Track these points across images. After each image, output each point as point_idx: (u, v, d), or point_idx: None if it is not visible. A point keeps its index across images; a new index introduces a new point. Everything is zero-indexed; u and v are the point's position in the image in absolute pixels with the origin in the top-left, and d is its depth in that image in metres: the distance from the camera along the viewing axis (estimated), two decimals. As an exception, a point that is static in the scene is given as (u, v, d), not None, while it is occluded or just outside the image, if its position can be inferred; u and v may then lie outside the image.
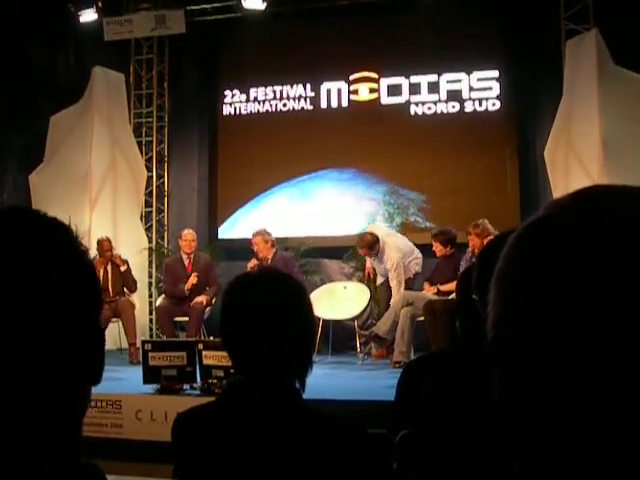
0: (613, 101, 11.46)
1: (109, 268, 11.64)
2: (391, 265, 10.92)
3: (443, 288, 10.21)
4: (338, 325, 11.05)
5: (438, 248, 10.63)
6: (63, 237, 1.25)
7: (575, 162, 11.76)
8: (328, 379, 9.15)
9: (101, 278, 11.55)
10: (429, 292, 10.42)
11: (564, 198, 0.94)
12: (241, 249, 12.99)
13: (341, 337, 12.22)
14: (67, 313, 1.18)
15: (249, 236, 12.74)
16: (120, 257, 11.72)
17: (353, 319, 11.46)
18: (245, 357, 2.38)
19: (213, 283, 11.47)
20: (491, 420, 0.95)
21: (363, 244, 10.99)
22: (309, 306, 2.50)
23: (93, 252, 11.79)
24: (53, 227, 1.25)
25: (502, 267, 0.95)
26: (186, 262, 11.59)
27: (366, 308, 11.64)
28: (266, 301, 2.37)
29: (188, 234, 11.67)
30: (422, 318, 10.11)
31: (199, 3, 13.91)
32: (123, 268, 11.65)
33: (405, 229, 13.30)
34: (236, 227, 14.38)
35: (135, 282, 11.88)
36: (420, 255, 11.09)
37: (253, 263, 11.18)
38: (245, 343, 2.35)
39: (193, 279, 11.27)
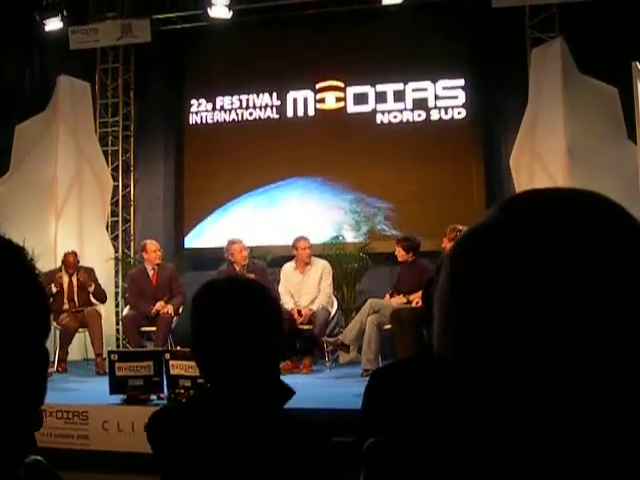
0: (578, 109, 11.56)
1: (74, 279, 11.58)
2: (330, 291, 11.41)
3: (412, 298, 10.23)
4: (306, 333, 11.04)
5: (400, 253, 10.73)
6: (15, 261, 1.25)
7: (540, 169, 11.85)
8: (296, 388, 9.13)
9: (66, 289, 11.50)
10: (397, 301, 10.45)
11: (493, 208, 0.96)
12: (208, 259, 12.98)
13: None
14: (12, 336, 1.19)
15: (216, 245, 12.76)
16: (86, 276, 11.63)
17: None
18: (214, 364, 2.38)
19: (177, 293, 11.45)
20: (454, 427, 0.96)
21: None
22: (278, 314, 2.51)
23: (59, 263, 11.76)
24: (6, 250, 1.25)
25: (440, 281, 0.97)
26: (150, 273, 11.56)
27: (334, 317, 11.66)
28: (235, 308, 2.37)
29: (151, 245, 11.64)
30: (389, 326, 10.14)
31: (165, 12, 13.89)
32: (91, 289, 11.59)
33: (372, 237, 13.35)
34: (203, 236, 14.35)
35: (105, 296, 11.88)
36: None
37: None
38: (215, 350, 2.36)
39: (160, 305, 11.23)
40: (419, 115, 13.76)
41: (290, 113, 14.29)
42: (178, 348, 9.35)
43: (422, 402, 3.03)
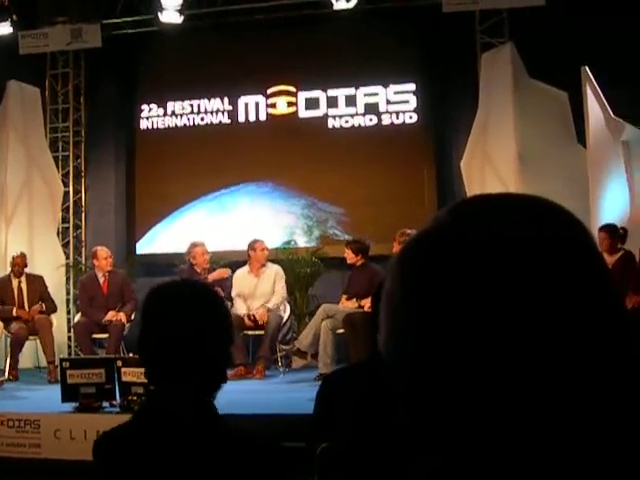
0: (528, 113, 11.68)
1: (23, 285, 11.48)
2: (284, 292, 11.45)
3: (364, 302, 10.24)
4: (259, 339, 11.02)
5: (349, 256, 10.76)
6: None
7: (491, 172, 11.94)
8: (250, 393, 9.14)
9: (16, 293, 11.41)
10: (350, 306, 10.47)
11: (441, 213, 0.97)
12: (160, 264, 12.92)
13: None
14: None
15: (168, 251, 12.68)
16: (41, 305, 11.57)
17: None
18: (162, 368, 2.37)
19: (130, 299, 11.36)
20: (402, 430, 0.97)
21: None
22: (227, 317, 2.49)
23: (9, 269, 11.67)
24: None
25: (387, 285, 0.98)
26: (101, 280, 11.45)
27: (286, 322, 11.64)
28: (185, 312, 2.36)
29: (102, 252, 11.52)
30: (342, 331, 10.16)
31: (116, 17, 13.80)
32: (42, 308, 11.53)
33: (324, 242, 13.36)
34: (155, 242, 14.27)
35: (55, 307, 11.82)
36: None
37: (220, 274, 11.24)
38: (163, 354, 2.34)
39: (111, 315, 11.13)
40: (370, 120, 13.80)
41: (242, 118, 14.26)
42: (130, 355, 9.28)
43: (374, 406, 3.03)
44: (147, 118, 14.59)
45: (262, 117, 14.22)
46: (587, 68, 11.13)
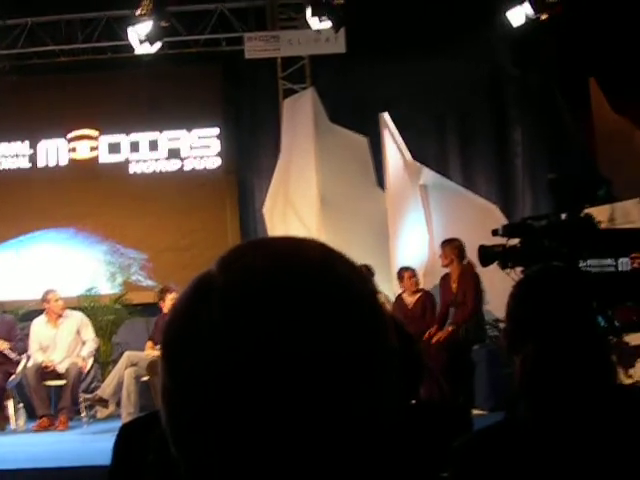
0: (329, 157, 11.88)
1: None
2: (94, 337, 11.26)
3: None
4: (60, 389, 10.75)
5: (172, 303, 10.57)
6: None
7: (293, 216, 12.06)
8: (52, 445, 8.94)
9: None
10: (155, 353, 10.36)
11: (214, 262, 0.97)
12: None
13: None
14: None
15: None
16: None
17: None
18: None
19: None
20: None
21: None
22: None
23: None
24: None
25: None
26: None
27: (90, 370, 11.41)
28: None
29: None
30: (147, 378, 10.04)
31: None
32: None
33: (127, 288, 13.16)
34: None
35: None
36: None
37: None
38: None
39: None
40: (174, 164, 13.77)
41: (42, 162, 13.94)
42: None
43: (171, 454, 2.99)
44: (-56, 161, 14.07)
45: (63, 162, 13.95)
46: (385, 114, 11.47)
